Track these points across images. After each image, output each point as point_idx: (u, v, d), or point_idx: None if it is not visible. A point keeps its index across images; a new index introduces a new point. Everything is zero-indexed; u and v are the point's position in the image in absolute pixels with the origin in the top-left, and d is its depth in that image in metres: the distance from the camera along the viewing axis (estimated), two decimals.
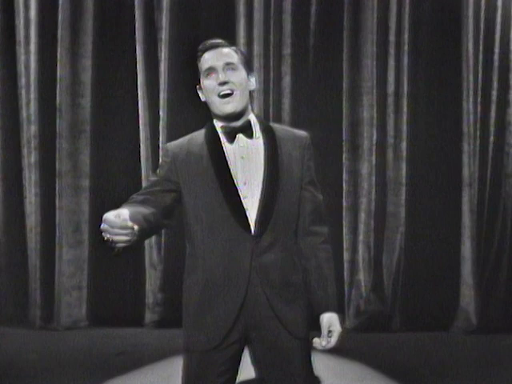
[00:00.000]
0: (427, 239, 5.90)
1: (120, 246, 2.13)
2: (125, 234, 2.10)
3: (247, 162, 2.41)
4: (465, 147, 5.88)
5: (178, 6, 5.96)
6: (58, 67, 5.91)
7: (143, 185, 5.97)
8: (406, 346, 5.40)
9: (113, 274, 5.93)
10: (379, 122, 5.94)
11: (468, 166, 5.88)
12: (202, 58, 2.46)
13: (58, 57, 5.91)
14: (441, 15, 5.94)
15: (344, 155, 5.94)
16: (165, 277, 5.94)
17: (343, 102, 5.94)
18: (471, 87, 5.86)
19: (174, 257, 5.87)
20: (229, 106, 2.40)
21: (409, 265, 5.89)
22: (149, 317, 5.97)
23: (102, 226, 2.11)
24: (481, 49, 5.91)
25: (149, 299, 5.99)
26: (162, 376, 4.47)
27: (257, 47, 5.88)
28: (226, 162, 2.40)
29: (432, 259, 5.87)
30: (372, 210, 5.94)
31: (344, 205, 5.91)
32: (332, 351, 2.48)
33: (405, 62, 5.89)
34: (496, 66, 5.92)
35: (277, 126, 2.54)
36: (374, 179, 5.95)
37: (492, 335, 5.64)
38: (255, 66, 5.78)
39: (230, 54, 2.45)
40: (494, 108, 5.94)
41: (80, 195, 6.04)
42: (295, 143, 2.48)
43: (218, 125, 2.47)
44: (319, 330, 2.42)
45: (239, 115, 2.44)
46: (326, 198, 2.57)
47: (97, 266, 5.97)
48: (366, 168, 5.95)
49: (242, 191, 2.38)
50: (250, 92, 2.49)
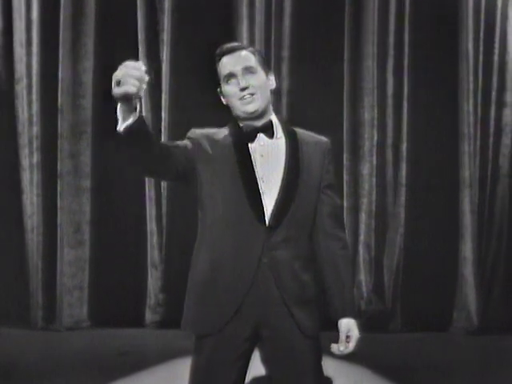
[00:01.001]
0: (428, 240, 5.90)
1: (129, 90, 2.12)
2: (137, 76, 2.11)
3: (266, 159, 2.45)
4: (465, 148, 5.88)
5: (180, 7, 5.96)
6: (59, 68, 5.91)
7: (145, 187, 5.99)
8: (407, 347, 5.40)
9: (114, 274, 5.93)
10: (380, 123, 5.95)
11: (468, 167, 5.88)
12: (220, 63, 2.49)
13: (60, 58, 5.91)
14: (440, 16, 5.94)
15: (345, 156, 5.95)
16: (166, 277, 5.94)
17: (344, 103, 5.95)
18: (471, 88, 5.87)
19: (175, 257, 5.88)
20: (250, 106, 2.45)
21: (409, 265, 5.89)
22: (150, 317, 5.97)
23: (115, 73, 2.13)
24: (481, 50, 5.92)
25: (150, 299, 6.00)
26: (165, 377, 4.48)
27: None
28: (250, 156, 2.44)
29: (432, 259, 5.87)
30: (373, 210, 5.95)
31: (345, 205, 5.92)
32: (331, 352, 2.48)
33: (405, 63, 5.90)
34: (496, 67, 5.93)
35: (299, 130, 2.58)
36: (374, 180, 5.96)
37: (493, 336, 5.63)
38: None
39: (247, 57, 2.47)
40: (493, 109, 5.95)
41: (81, 196, 6.05)
42: (316, 147, 2.53)
43: (240, 124, 2.51)
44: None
45: (261, 115, 2.49)
46: None
47: (98, 267, 5.98)
48: (367, 169, 5.96)
49: (261, 187, 2.41)
50: (271, 91, 2.53)
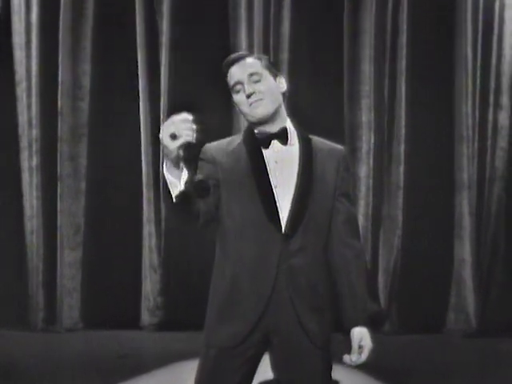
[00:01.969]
0: (425, 241, 5.91)
1: (187, 139, 2.19)
2: (189, 127, 2.19)
3: (280, 166, 2.45)
4: (463, 150, 5.90)
5: (178, 10, 5.98)
6: (59, 71, 5.94)
7: (144, 189, 6.00)
8: (404, 349, 5.40)
9: (113, 277, 5.96)
10: (377, 125, 5.97)
11: (467, 169, 5.90)
12: (228, 74, 2.50)
13: (60, 60, 5.94)
14: (438, 19, 5.95)
15: None
16: (165, 280, 5.96)
17: (342, 105, 5.97)
18: (470, 91, 5.89)
19: (173, 260, 5.90)
20: (259, 110, 2.45)
21: (407, 267, 5.90)
22: (149, 320, 5.99)
23: (165, 127, 2.21)
24: (478, 52, 5.93)
25: (149, 302, 6.01)
26: (164, 380, 4.51)
27: (256, 52, 5.90)
28: (265, 163, 2.44)
29: (430, 261, 5.89)
30: (370, 212, 5.96)
31: None
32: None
33: (403, 65, 5.91)
34: (493, 69, 5.94)
35: (314, 137, 2.56)
36: (371, 182, 5.97)
37: (491, 338, 5.62)
38: None
39: (253, 64, 2.48)
40: (491, 111, 5.96)
41: (81, 198, 6.07)
42: (331, 154, 2.51)
43: (255, 131, 2.51)
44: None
45: (272, 118, 2.48)
46: None
47: (97, 269, 6.00)
48: (364, 171, 5.97)
49: (276, 194, 2.42)
50: (283, 94, 2.52)
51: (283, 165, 2.46)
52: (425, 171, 5.96)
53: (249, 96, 2.44)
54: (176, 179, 2.26)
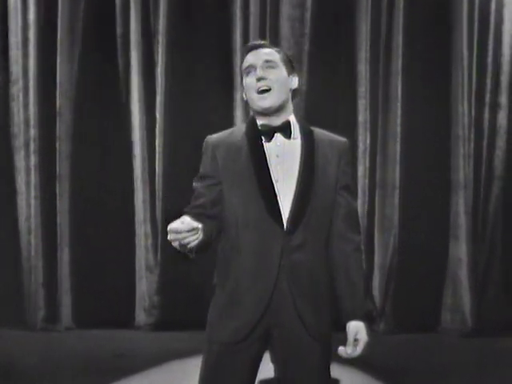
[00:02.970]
0: (421, 241, 5.92)
1: (192, 245, 2.21)
2: (193, 235, 2.18)
3: (281, 160, 2.45)
4: (460, 150, 5.91)
5: (174, 10, 5.98)
6: (57, 70, 5.93)
7: (139, 190, 6.00)
8: (400, 348, 5.40)
9: (110, 277, 5.96)
10: (373, 125, 5.98)
11: (463, 169, 5.91)
12: (244, 59, 2.52)
13: (58, 60, 5.93)
14: (434, 18, 5.96)
15: None
16: (161, 279, 5.96)
17: (338, 105, 5.98)
18: (466, 90, 5.90)
19: (170, 259, 5.90)
20: (266, 102, 2.45)
21: (402, 266, 5.90)
22: (145, 319, 5.99)
23: (169, 237, 2.19)
24: (475, 52, 5.94)
25: (145, 302, 6.02)
26: (160, 379, 4.51)
27: None
28: (265, 158, 2.45)
29: (426, 261, 5.90)
30: (366, 211, 5.97)
31: None
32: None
33: (399, 65, 5.92)
34: (489, 69, 5.95)
35: (317, 129, 2.56)
36: (367, 181, 5.98)
37: (487, 337, 5.62)
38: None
39: (270, 53, 2.50)
40: (487, 111, 5.97)
41: (78, 198, 6.06)
42: (333, 147, 2.52)
43: (258, 122, 2.51)
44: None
45: (277, 111, 2.48)
46: None
47: (92, 269, 6.00)
48: (361, 170, 5.98)
49: (276, 188, 2.42)
50: (293, 92, 2.53)
51: (285, 159, 2.46)
52: (421, 171, 5.97)
53: (259, 80, 2.44)
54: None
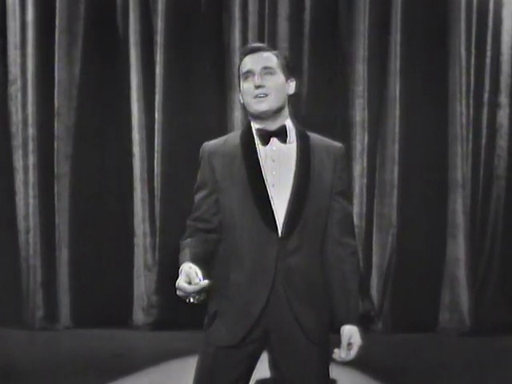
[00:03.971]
0: (419, 240, 5.93)
1: (199, 300, 2.30)
2: (200, 293, 2.28)
3: (277, 164, 2.46)
4: (458, 149, 5.91)
5: (173, 9, 5.98)
6: (55, 70, 5.94)
7: (137, 189, 6.00)
8: (398, 348, 5.40)
9: (108, 276, 5.96)
10: (371, 124, 5.98)
11: (461, 168, 5.91)
12: (242, 62, 2.52)
13: (56, 59, 5.94)
14: (432, 19, 5.96)
15: None
16: (159, 279, 5.97)
17: (336, 105, 5.99)
18: (464, 90, 5.90)
19: (168, 258, 5.89)
20: (262, 105, 2.45)
21: (400, 266, 5.90)
22: (143, 319, 5.99)
23: (178, 293, 2.29)
24: (473, 51, 5.94)
25: (143, 301, 6.02)
26: (158, 379, 4.52)
27: None
28: (259, 163, 2.45)
29: (424, 260, 5.90)
30: (364, 211, 5.97)
31: None
32: None
33: (397, 65, 5.92)
34: (488, 68, 5.95)
35: (313, 134, 2.56)
36: (365, 181, 5.98)
37: (486, 337, 5.62)
38: None
39: (269, 58, 2.50)
40: (485, 110, 5.97)
41: (76, 197, 6.06)
42: (329, 152, 2.51)
43: (254, 127, 2.51)
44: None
45: (273, 116, 2.48)
46: None
47: (90, 268, 6.00)
48: (358, 170, 5.98)
49: (271, 193, 2.43)
50: (290, 97, 2.54)
51: (280, 163, 2.46)
52: (419, 170, 5.97)
53: (257, 87, 2.45)
54: None
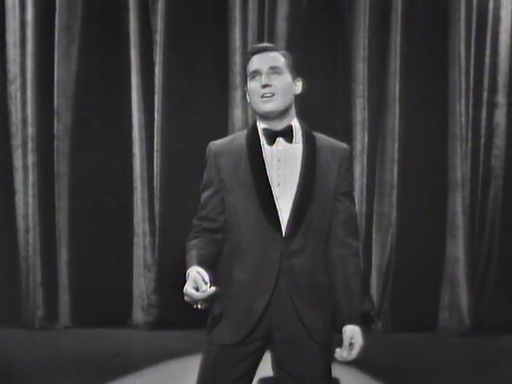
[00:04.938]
0: (418, 240, 5.92)
1: (207, 306, 2.37)
2: (208, 301, 2.33)
3: (283, 164, 2.47)
4: (457, 149, 5.91)
5: (173, 9, 5.98)
6: (55, 69, 5.93)
7: (137, 188, 6.00)
8: (397, 347, 5.41)
9: (107, 276, 5.96)
10: (371, 124, 5.98)
11: (461, 168, 5.91)
12: (250, 62, 2.53)
13: (55, 59, 5.93)
14: (432, 18, 5.96)
15: None
16: (159, 278, 5.97)
17: (336, 104, 5.99)
18: (463, 89, 5.90)
19: (168, 258, 5.90)
20: (268, 105, 2.46)
21: (400, 265, 5.90)
22: (143, 318, 5.99)
23: (185, 299, 2.35)
24: (472, 51, 5.95)
25: (143, 301, 6.02)
26: (158, 378, 4.52)
27: None
28: (264, 163, 2.46)
29: (423, 260, 5.90)
30: (363, 211, 5.97)
31: None
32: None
33: (397, 64, 5.92)
34: (487, 68, 5.96)
35: (319, 135, 2.57)
36: (365, 181, 5.99)
37: (485, 336, 5.63)
38: None
39: (276, 58, 2.51)
40: (484, 110, 5.98)
41: (76, 196, 6.06)
42: (334, 153, 2.52)
43: (260, 126, 2.53)
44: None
45: (280, 116, 2.49)
46: None
47: (90, 267, 6.00)
48: (358, 170, 5.98)
49: (276, 193, 2.44)
50: (296, 97, 2.54)
51: (286, 163, 2.47)
52: (418, 170, 5.97)
53: (264, 87, 2.46)
54: None
